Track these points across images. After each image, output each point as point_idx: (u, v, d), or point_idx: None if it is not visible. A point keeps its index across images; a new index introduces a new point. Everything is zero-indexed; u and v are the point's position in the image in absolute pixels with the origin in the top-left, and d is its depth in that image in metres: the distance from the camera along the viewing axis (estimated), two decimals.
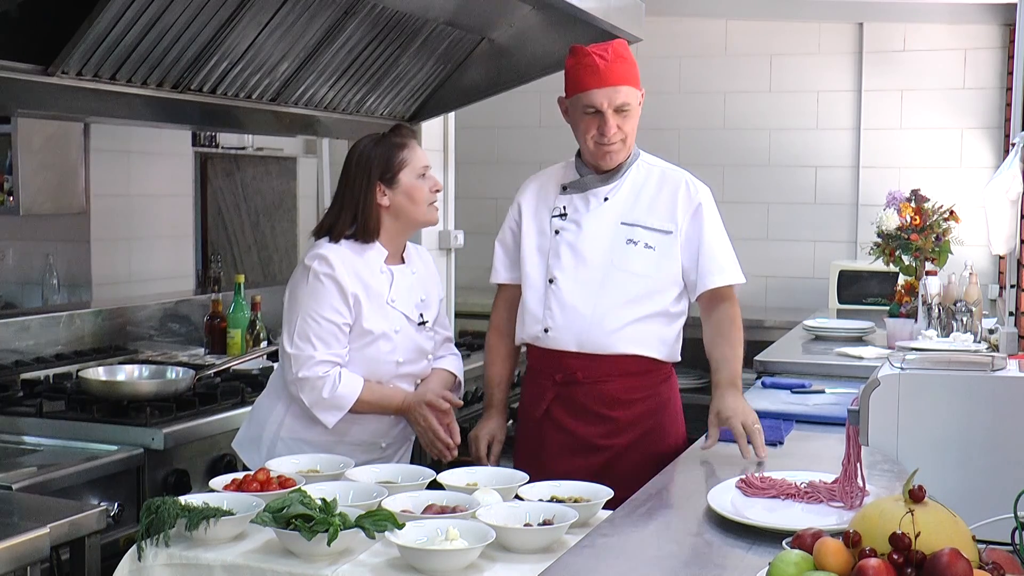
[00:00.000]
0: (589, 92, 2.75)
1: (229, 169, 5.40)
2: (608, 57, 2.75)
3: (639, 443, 2.81)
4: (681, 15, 6.30)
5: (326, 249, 2.73)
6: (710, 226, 2.83)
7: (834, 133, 6.27)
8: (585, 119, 2.78)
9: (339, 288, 2.69)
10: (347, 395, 2.70)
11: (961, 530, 1.54)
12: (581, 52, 2.79)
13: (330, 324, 2.69)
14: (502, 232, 2.99)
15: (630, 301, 2.78)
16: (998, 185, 3.42)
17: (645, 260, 2.79)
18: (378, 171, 2.76)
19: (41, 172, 4.07)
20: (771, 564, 1.56)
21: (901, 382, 1.97)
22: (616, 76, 2.75)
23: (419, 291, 2.87)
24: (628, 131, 2.79)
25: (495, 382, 3.01)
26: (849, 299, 5.79)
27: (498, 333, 3.02)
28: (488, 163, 6.44)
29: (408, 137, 2.84)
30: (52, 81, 2.77)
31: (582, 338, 2.79)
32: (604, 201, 2.84)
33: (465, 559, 1.96)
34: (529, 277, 2.87)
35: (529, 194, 2.95)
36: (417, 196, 2.78)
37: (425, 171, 2.80)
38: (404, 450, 2.93)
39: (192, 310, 4.36)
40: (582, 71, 2.77)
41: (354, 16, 3.51)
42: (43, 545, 2.11)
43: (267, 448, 2.75)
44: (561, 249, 2.83)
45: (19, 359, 3.65)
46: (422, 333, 2.86)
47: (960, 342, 3.91)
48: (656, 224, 2.81)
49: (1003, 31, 5.90)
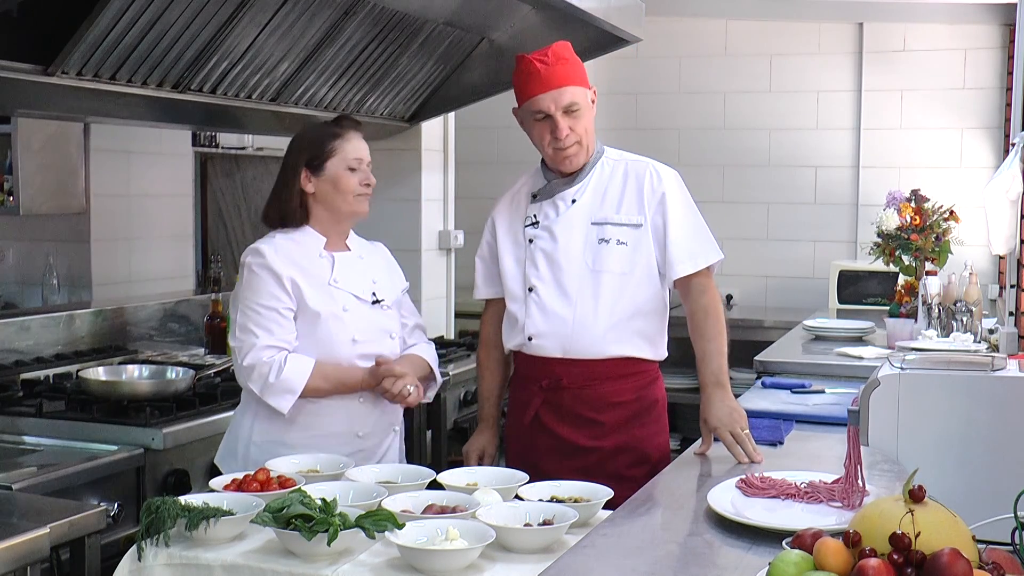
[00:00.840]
0: (535, 98, 2.75)
1: (229, 169, 5.40)
2: (548, 61, 2.75)
3: (625, 445, 2.80)
4: (681, 15, 6.30)
5: (259, 243, 2.74)
6: (675, 212, 2.79)
7: (834, 133, 6.28)
8: (537, 125, 2.78)
9: (273, 275, 2.67)
10: (296, 376, 2.64)
11: (961, 530, 1.54)
12: (523, 60, 2.79)
13: (269, 311, 2.66)
14: (480, 248, 2.99)
15: (610, 301, 2.76)
16: (998, 185, 3.42)
17: (620, 257, 2.78)
18: (305, 157, 2.76)
19: (41, 172, 4.08)
20: (771, 564, 1.56)
21: (901, 382, 1.97)
22: (559, 78, 2.74)
23: (368, 275, 2.83)
24: (581, 131, 2.77)
25: (486, 395, 2.99)
26: (849, 299, 5.79)
27: (487, 347, 3.00)
28: (488, 163, 6.44)
29: (348, 128, 2.80)
30: (52, 81, 2.77)
31: (566, 344, 2.78)
32: (572, 203, 2.83)
33: (465, 559, 1.96)
34: (510, 288, 2.87)
35: (502, 207, 2.95)
36: (342, 186, 2.74)
37: (358, 164, 2.76)
38: (390, 441, 2.86)
39: (192, 310, 4.36)
40: (525, 78, 2.77)
41: (354, 16, 3.51)
42: (43, 545, 2.11)
43: (242, 456, 2.72)
44: (537, 257, 2.83)
45: (19, 359, 3.64)
46: (379, 311, 2.81)
47: (960, 342, 3.91)
48: (625, 219, 2.80)
49: (1003, 31, 5.90)
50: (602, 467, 2.74)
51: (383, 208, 4.66)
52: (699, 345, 2.78)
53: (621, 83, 6.46)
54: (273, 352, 2.65)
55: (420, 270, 4.67)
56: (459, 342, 4.58)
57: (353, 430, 2.75)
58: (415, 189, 4.70)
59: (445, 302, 4.96)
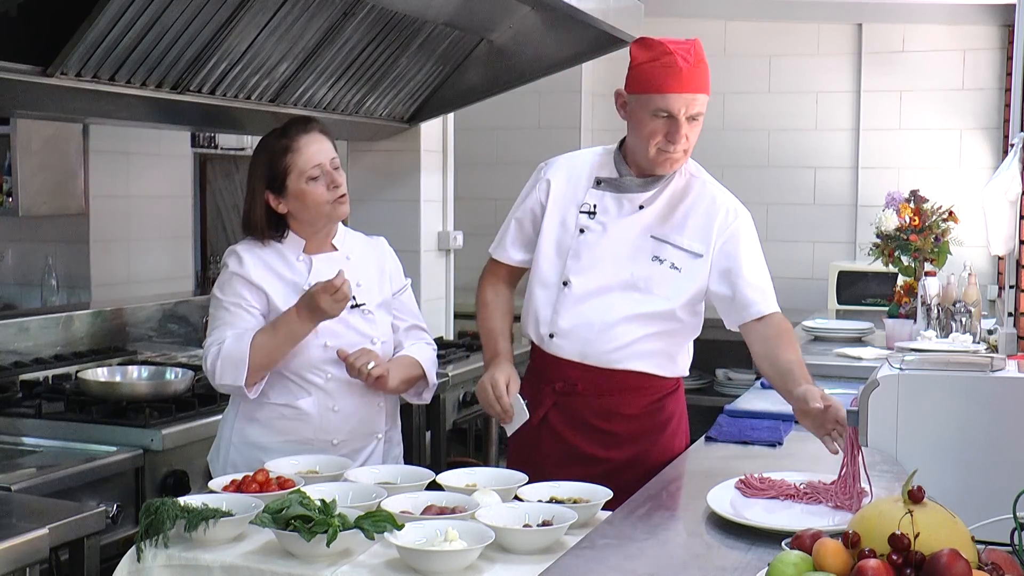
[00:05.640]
0: (666, 96, 2.52)
1: (228, 170, 5.41)
2: (691, 60, 2.52)
3: (638, 457, 2.68)
4: (681, 16, 6.30)
5: (239, 245, 2.72)
6: (750, 253, 2.66)
7: (833, 134, 6.28)
8: (652, 121, 2.56)
9: (244, 279, 2.64)
10: (238, 347, 2.56)
11: (960, 531, 1.54)
12: (660, 48, 2.54)
13: (236, 307, 2.63)
14: (522, 208, 2.76)
15: (643, 318, 2.62)
16: (997, 186, 3.42)
17: (668, 281, 2.62)
18: (263, 182, 2.66)
19: (40, 173, 4.08)
20: (770, 565, 1.56)
21: (900, 383, 1.97)
22: (698, 82, 2.54)
23: (353, 278, 2.69)
24: (694, 140, 2.61)
25: (499, 331, 2.76)
26: (848, 300, 5.79)
27: (495, 286, 2.81)
28: (487, 164, 6.44)
29: (297, 135, 2.65)
30: (51, 82, 2.77)
31: (586, 350, 2.64)
32: (638, 209, 2.66)
33: (464, 560, 1.96)
34: (542, 272, 2.69)
35: (561, 177, 2.72)
36: (309, 200, 2.64)
37: (319, 171, 2.62)
38: (372, 448, 2.77)
39: (191, 311, 4.35)
40: (661, 71, 2.52)
41: (353, 17, 3.51)
42: (42, 546, 2.11)
43: (223, 458, 2.70)
44: (582, 251, 2.65)
45: (18, 360, 3.64)
46: (358, 316, 2.72)
47: (959, 343, 3.91)
48: (687, 244, 2.64)
49: (1002, 32, 5.90)
50: (608, 479, 2.51)
51: (382, 209, 4.67)
52: (788, 355, 2.55)
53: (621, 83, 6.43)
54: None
55: (419, 271, 4.67)
56: (459, 343, 4.58)
57: (327, 438, 2.69)
58: (414, 190, 4.70)
59: (444, 303, 4.96)
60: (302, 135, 2.66)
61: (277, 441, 2.66)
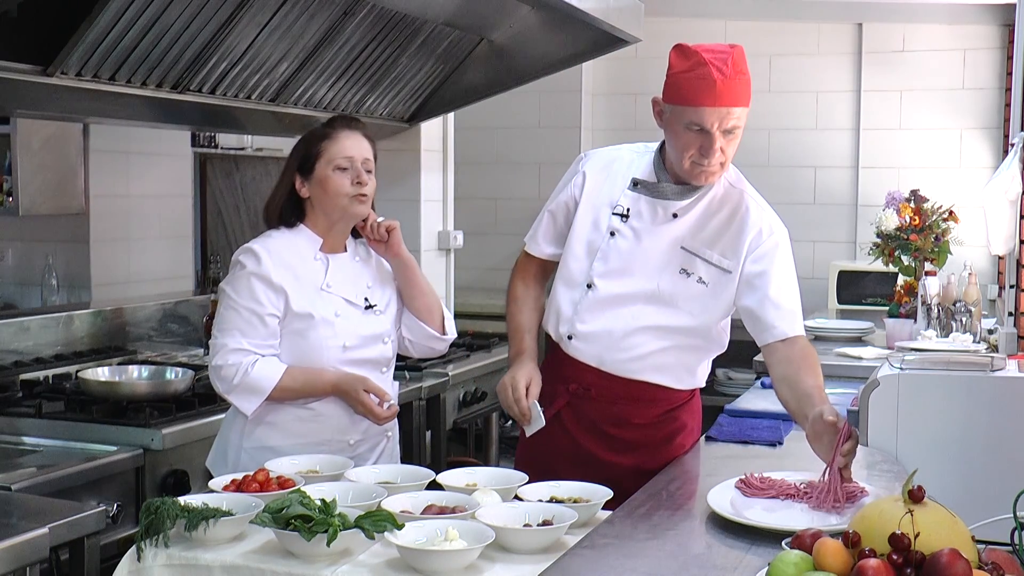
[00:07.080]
0: (699, 109, 2.44)
1: (228, 170, 5.40)
2: (728, 72, 2.44)
3: (643, 466, 2.64)
4: (681, 15, 6.30)
5: (254, 243, 2.69)
6: (782, 273, 2.60)
7: (833, 133, 6.28)
8: (686, 134, 2.49)
9: (263, 280, 2.61)
10: (263, 379, 2.59)
11: (960, 530, 1.54)
12: (696, 58, 2.46)
13: (250, 314, 2.60)
14: (556, 201, 2.73)
15: (664, 331, 2.60)
16: (997, 185, 3.42)
17: (694, 296, 2.59)
18: (296, 161, 2.71)
19: (40, 173, 4.08)
20: (771, 564, 1.56)
21: (900, 382, 1.97)
22: (733, 95, 2.45)
23: (363, 279, 2.75)
24: (730, 154, 2.54)
25: (526, 327, 2.72)
26: (848, 299, 5.79)
27: (525, 282, 2.78)
28: (487, 163, 6.43)
29: (339, 128, 2.71)
30: (51, 82, 2.77)
31: (604, 357, 2.62)
32: (672, 217, 2.61)
33: (464, 560, 1.96)
34: (569, 270, 2.66)
35: (597, 172, 2.68)
36: (329, 188, 2.66)
37: (349, 163, 2.66)
38: (383, 447, 2.80)
39: (191, 311, 4.36)
40: (696, 83, 2.44)
41: (353, 16, 3.52)
42: (42, 546, 2.11)
43: (232, 462, 2.67)
44: (610, 255, 2.62)
45: (18, 360, 3.64)
46: (371, 316, 2.74)
47: (959, 342, 3.91)
48: (716, 260, 2.59)
49: (1002, 31, 5.90)
50: (615, 483, 2.44)
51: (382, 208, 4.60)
52: (812, 381, 2.47)
53: (621, 83, 6.46)
54: (242, 356, 2.60)
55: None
56: (459, 342, 4.57)
57: (344, 438, 2.71)
58: (414, 189, 4.70)
59: (444, 303, 4.95)
60: (344, 128, 2.72)
61: (293, 444, 2.64)
